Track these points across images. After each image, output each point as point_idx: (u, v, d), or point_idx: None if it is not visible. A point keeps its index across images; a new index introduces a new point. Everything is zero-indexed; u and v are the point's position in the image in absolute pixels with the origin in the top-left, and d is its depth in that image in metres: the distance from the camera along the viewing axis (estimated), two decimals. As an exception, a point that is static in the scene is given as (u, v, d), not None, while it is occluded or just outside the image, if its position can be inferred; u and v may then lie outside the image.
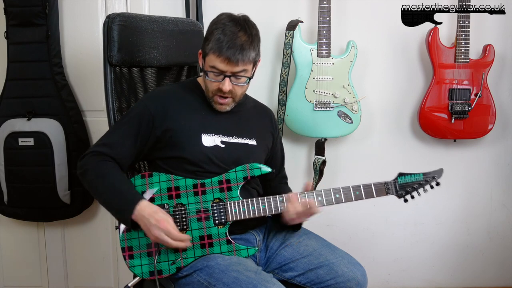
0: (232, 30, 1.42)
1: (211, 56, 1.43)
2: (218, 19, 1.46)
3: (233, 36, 1.41)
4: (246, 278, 1.33)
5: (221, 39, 1.41)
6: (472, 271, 2.49)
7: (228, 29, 1.42)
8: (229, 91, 1.46)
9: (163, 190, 1.46)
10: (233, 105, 1.54)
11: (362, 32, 2.28)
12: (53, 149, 2.13)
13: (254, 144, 1.58)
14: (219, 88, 1.46)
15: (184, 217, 1.45)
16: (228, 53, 1.40)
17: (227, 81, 1.44)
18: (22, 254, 2.44)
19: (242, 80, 1.47)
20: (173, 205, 1.45)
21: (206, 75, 1.47)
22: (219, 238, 1.46)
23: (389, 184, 1.50)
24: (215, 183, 1.47)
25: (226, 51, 1.40)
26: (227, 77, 1.44)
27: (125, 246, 1.46)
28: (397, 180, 1.50)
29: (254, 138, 1.59)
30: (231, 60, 1.41)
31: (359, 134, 2.30)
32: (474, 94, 2.19)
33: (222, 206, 1.46)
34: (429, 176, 1.51)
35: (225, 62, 1.41)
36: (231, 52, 1.40)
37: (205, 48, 1.46)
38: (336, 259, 1.49)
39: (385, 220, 2.45)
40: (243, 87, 1.50)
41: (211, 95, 1.50)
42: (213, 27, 1.45)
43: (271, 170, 1.51)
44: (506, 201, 2.45)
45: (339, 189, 1.49)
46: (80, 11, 2.25)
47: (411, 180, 1.51)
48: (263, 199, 1.47)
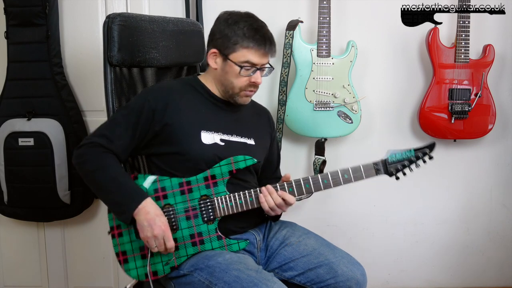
0: (260, 24, 1.49)
1: (245, 52, 1.45)
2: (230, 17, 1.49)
3: (263, 30, 1.48)
4: (247, 277, 1.33)
5: (254, 34, 1.45)
6: (472, 271, 2.49)
7: (255, 24, 1.47)
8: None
9: (150, 192, 1.46)
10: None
11: (362, 32, 2.28)
12: (53, 149, 2.13)
13: (252, 143, 1.58)
14: (250, 82, 1.49)
15: (173, 217, 1.45)
16: (267, 47, 1.46)
17: (259, 73, 1.49)
18: (22, 254, 2.44)
19: (265, 71, 1.51)
20: (161, 206, 1.45)
21: (240, 71, 1.47)
22: (210, 235, 1.45)
23: (378, 164, 1.48)
24: (201, 180, 1.47)
25: (265, 45, 1.45)
26: (259, 70, 1.48)
27: (119, 251, 1.46)
28: (387, 159, 1.47)
29: (252, 137, 1.59)
30: (267, 53, 1.47)
31: (359, 134, 2.30)
32: (474, 94, 2.19)
33: (210, 203, 1.46)
34: (421, 151, 1.47)
35: (262, 56, 1.47)
36: (268, 44, 1.46)
37: (228, 46, 1.47)
38: (336, 259, 1.49)
39: (385, 220, 2.45)
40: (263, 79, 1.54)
41: (238, 90, 1.51)
42: (230, 26, 1.47)
43: (256, 161, 1.49)
44: (506, 201, 2.45)
45: (326, 174, 1.47)
46: (80, 11, 2.25)
47: (402, 158, 1.47)
48: (250, 192, 1.46)
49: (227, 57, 1.48)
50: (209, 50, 1.53)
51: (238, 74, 1.48)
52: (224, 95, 1.55)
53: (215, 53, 1.51)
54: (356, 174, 1.47)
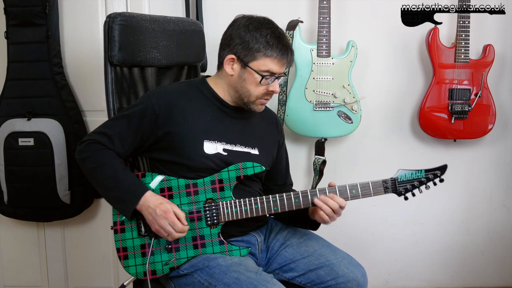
0: (280, 32, 1.46)
1: (267, 60, 1.43)
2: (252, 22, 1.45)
3: (284, 39, 1.45)
4: (247, 279, 1.33)
5: (276, 42, 1.42)
6: (472, 271, 2.49)
7: (276, 32, 1.45)
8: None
9: (156, 191, 1.45)
10: None
11: (362, 32, 2.28)
12: (53, 149, 2.13)
13: (256, 153, 1.55)
14: (270, 91, 1.47)
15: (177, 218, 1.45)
16: (289, 57, 1.45)
17: (276, 82, 1.47)
18: (22, 254, 2.44)
19: (280, 79, 1.49)
20: None
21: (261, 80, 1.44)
22: (212, 239, 1.45)
23: (387, 182, 1.45)
24: (208, 183, 1.46)
25: (287, 55, 1.44)
26: (276, 78, 1.47)
27: (120, 247, 1.46)
28: (397, 178, 1.44)
29: (256, 147, 1.56)
30: (287, 63, 1.46)
31: (359, 134, 2.30)
32: (474, 94, 2.19)
33: (214, 207, 1.45)
34: (432, 173, 1.44)
35: (283, 65, 1.45)
36: (290, 54, 1.45)
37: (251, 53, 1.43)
38: (337, 260, 1.49)
39: (385, 220, 2.45)
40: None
41: (254, 99, 1.48)
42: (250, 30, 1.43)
43: (264, 169, 1.49)
44: (506, 201, 2.45)
45: (334, 188, 1.46)
46: (80, 11, 2.25)
47: (412, 178, 1.44)
48: (256, 200, 1.45)
49: (246, 64, 1.44)
50: (226, 55, 1.47)
51: (258, 83, 1.45)
52: (237, 102, 1.52)
53: (233, 59, 1.47)
54: (364, 191, 1.45)
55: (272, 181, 1.67)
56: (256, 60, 1.43)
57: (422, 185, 1.45)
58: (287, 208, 1.46)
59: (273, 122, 1.69)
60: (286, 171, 1.73)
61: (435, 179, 1.45)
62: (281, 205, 1.45)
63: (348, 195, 1.46)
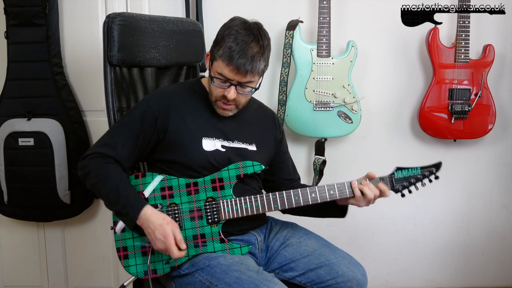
0: (245, 39, 1.39)
1: (220, 63, 1.40)
2: (231, 25, 1.43)
3: (245, 46, 1.38)
4: (248, 278, 1.33)
5: (232, 47, 1.38)
6: (472, 271, 2.49)
7: (240, 38, 1.39)
8: (233, 99, 1.45)
9: (157, 190, 1.46)
10: (235, 111, 1.52)
11: (362, 32, 2.28)
12: (53, 149, 2.13)
13: (253, 149, 1.57)
14: (224, 95, 1.45)
15: (177, 217, 1.45)
16: (238, 63, 1.37)
17: (232, 89, 1.43)
18: (22, 254, 2.44)
19: (247, 90, 1.45)
20: (167, 205, 1.46)
21: (212, 81, 1.45)
22: (213, 237, 1.46)
23: (385, 179, 1.49)
24: (208, 182, 1.47)
25: (237, 61, 1.37)
26: (233, 86, 1.43)
27: (120, 246, 1.46)
28: (394, 174, 1.49)
29: (254, 143, 1.57)
30: (240, 71, 1.38)
31: (359, 134, 2.30)
32: (474, 94, 2.19)
33: (215, 205, 1.46)
34: (427, 170, 1.49)
35: (233, 72, 1.39)
36: (241, 62, 1.37)
37: (214, 52, 1.43)
38: (337, 259, 1.49)
39: (385, 220, 2.45)
40: (247, 96, 1.50)
41: (214, 100, 1.49)
42: (225, 33, 1.41)
43: (264, 167, 1.51)
44: (506, 201, 2.45)
45: (333, 186, 1.47)
46: (80, 11, 2.25)
47: (408, 175, 1.49)
48: (256, 198, 1.46)
49: (212, 63, 1.46)
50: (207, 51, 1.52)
51: (212, 82, 1.46)
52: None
53: (208, 56, 1.50)
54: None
55: (281, 176, 1.68)
56: (216, 61, 1.42)
57: (418, 182, 1.49)
58: (287, 205, 1.47)
59: (270, 119, 1.69)
60: (293, 166, 1.74)
61: (430, 176, 1.49)
62: (281, 203, 1.47)
63: (346, 192, 1.47)
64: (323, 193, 1.47)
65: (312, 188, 1.47)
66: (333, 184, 1.48)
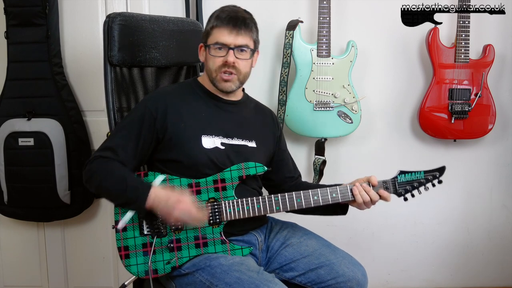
0: (232, 8, 1.51)
1: (214, 33, 1.47)
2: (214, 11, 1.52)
3: (234, 10, 1.49)
4: (248, 278, 1.33)
5: (221, 15, 1.47)
6: (472, 271, 2.49)
7: (226, 9, 1.50)
8: (233, 65, 1.47)
9: None
10: (238, 84, 1.53)
11: (362, 32, 2.28)
12: (53, 149, 2.13)
13: (253, 146, 1.57)
14: (223, 63, 1.47)
15: None
16: (231, 23, 1.45)
17: (231, 53, 1.46)
18: (22, 254, 2.44)
19: (245, 54, 1.49)
20: None
21: (209, 54, 1.49)
22: (214, 238, 1.46)
23: (387, 183, 1.49)
24: (210, 183, 1.47)
25: (228, 21, 1.45)
26: (231, 49, 1.46)
27: (121, 246, 1.46)
28: (397, 178, 1.49)
29: (254, 140, 1.58)
30: (233, 29, 1.45)
31: (359, 134, 2.30)
32: (474, 94, 2.19)
33: (217, 206, 1.46)
34: (430, 174, 1.48)
35: (227, 32, 1.45)
36: (234, 22, 1.45)
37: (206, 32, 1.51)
38: (337, 259, 1.49)
39: (385, 220, 2.45)
40: (246, 63, 1.51)
41: (215, 74, 1.50)
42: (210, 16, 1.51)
43: (266, 168, 1.51)
44: (506, 201, 2.45)
45: (335, 189, 1.48)
46: (80, 11, 2.25)
47: (412, 179, 1.48)
48: (258, 199, 1.46)
49: (206, 45, 1.51)
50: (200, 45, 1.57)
51: (210, 56, 1.49)
52: (212, 86, 1.55)
53: (201, 47, 1.55)
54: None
55: (282, 174, 1.68)
56: (210, 36, 1.49)
57: (421, 186, 1.49)
58: (289, 208, 1.47)
59: (269, 116, 1.71)
60: (293, 163, 1.75)
61: (433, 180, 1.49)
62: (283, 205, 1.47)
63: (349, 196, 1.47)
64: (325, 196, 1.47)
65: (315, 191, 1.47)
66: (335, 186, 1.48)
